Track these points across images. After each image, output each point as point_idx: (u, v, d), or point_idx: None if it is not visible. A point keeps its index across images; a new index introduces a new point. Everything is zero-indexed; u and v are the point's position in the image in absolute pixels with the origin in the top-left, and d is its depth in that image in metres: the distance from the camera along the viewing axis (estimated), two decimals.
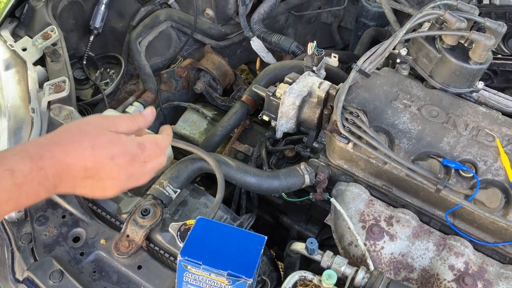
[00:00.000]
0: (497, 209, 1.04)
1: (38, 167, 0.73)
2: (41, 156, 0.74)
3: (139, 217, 1.07)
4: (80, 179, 0.79)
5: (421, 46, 1.19)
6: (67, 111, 1.29)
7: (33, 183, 0.73)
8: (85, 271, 1.07)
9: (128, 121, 0.84)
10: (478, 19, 1.10)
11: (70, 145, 0.77)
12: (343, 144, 1.15)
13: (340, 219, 1.14)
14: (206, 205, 1.22)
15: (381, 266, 1.07)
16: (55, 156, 0.75)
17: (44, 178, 0.74)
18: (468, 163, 1.09)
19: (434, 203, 1.12)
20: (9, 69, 1.40)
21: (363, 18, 1.82)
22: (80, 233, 1.12)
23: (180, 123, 1.72)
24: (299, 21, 2.10)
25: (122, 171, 0.81)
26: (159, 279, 1.05)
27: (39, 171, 0.73)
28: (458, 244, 1.06)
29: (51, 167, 0.75)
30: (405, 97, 1.19)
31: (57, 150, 0.76)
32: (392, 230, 1.10)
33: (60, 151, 0.76)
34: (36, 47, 1.45)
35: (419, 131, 1.13)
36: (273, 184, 1.19)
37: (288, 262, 1.25)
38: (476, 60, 1.12)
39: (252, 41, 1.87)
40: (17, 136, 1.26)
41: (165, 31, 1.86)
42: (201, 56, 1.91)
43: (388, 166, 1.11)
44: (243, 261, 0.89)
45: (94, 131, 0.79)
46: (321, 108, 1.26)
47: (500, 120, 1.15)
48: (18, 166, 0.72)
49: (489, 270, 1.04)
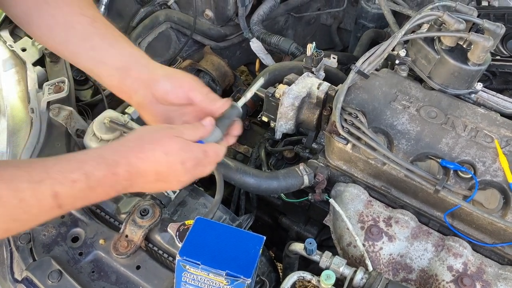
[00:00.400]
0: (496, 210, 1.04)
1: (112, 173, 0.81)
2: (117, 162, 0.82)
3: (138, 217, 1.07)
4: (150, 182, 0.88)
5: (420, 47, 1.19)
6: (67, 112, 1.30)
7: (105, 186, 0.82)
8: (84, 271, 1.07)
9: (191, 131, 0.91)
10: (477, 20, 1.10)
11: (145, 152, 0.85)
12: (342, 145, 1.15)
13: (339, 220, 1.14)
14: (205, 205, 1.22)
15: (379, 267, 1.07)
16: (130, 162, 0.83)
17: (116, 182, 0.83)
18: (467, 164, 1.09)
19: (433, 204, 1.12)
20: (8, 69, 1.40)
21: (363, 20, 1.82)
22: (79, 233, 1.13)
23: None
24: (298, 23, 2.11)
25: (188, 174, 0.90)
26: (157, 279, 1.05)
27: (113, 176, 0.81)
28: (456, 245, 1.06)
29: (125, 172, 0.83)
30: (404, 98, 1.19)
31: (133, 157, 0.84)
32: (391, 231, 1.10)
33: (136, 158, 0.84)
34: (35, 47, 1.45)
35: (418, 132, 1.13)
36: (272, 185, 1.19)
37: (287, 263, 1.25)
38: (474, 61, 1.12)
39: (251, 42, 1.87)
40: (16, 136, 1.27)
41: (164, 32, 1.86)
42: (200, 57, 1.91)
43: (387, 167, 1.12)
44: (242, 261, 0.89)
45: (166, 138, 0.87)
46: (320, 109, 1.26)
47: (499, 121, 1.15)
48: (93, 171, 0.79)
49: (488, 271, 1.04)
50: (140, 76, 0.98)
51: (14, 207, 0.75)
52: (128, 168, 0.83)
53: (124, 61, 0.99)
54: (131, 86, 0.99)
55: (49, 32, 1.00)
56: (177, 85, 0.98)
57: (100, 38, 1.00)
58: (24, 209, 0.76)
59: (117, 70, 0.99)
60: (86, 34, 0.99)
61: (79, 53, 1.00)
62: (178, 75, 1.00)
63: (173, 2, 1.87)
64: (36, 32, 1.03)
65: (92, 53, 0.99)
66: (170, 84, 0.98)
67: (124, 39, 1.02)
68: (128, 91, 1.00)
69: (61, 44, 1.01)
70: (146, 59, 1.01)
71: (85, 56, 1.00)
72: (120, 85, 1.00)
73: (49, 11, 0.99)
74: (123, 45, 1.01)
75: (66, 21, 0.99)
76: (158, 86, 0.97)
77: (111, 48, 1.00)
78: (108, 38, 1.00)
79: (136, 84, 0.98)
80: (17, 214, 0.76)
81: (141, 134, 0.89)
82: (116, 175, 0.82)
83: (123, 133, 1.23)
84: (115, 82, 1.00)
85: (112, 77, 0.99)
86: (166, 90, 0.97)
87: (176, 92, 0.98)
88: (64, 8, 0.99)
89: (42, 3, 0.99)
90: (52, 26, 0.99)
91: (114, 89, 1.01)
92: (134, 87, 0.99)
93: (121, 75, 0.98)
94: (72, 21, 0.99)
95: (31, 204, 0.76)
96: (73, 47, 1.00)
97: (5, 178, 0.75)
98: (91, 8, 1.03)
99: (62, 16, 0.99)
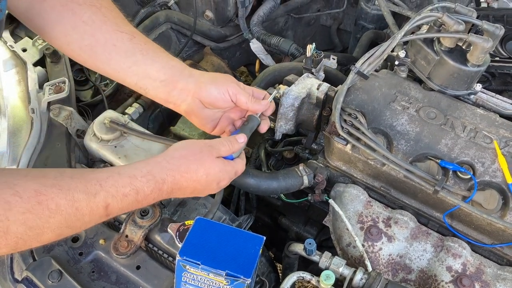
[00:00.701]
0: (495, 210, 1.04)
1: (159, 188, 0.92)
2: (164, 180, 0.92)
3: (138, 217, 1.07)
4: (185, 194, 0.99)
5: (420, 48, 1.20)
6: (67, 112, 1.30)
7: (149, 199, 0.92)
8: (84, 271, 1.07)
9: (227, 148, 1.01)
10: (476, 21, 1.11)
11: (190, 172, 0.95)
12: (342, 145, 1.16)
13: (338, 220, 1.14)
14: (205, 205, 1.22)
15: (379, 267, 1.07)
16: (175, 180, 0.94)
17: (159, 196, 0.93)
18: (466, 165, 1.09)
19: (432, 205, 1.13)
20: (9, 69, 1.41)
21: (362, 21, 1.83)
22: (79, 233, 1.12)
23: (180, 124, 1.72)
24: (298, 24, 2.11)
25: (218, 189, 1.03)
26: (157, 279, 1.05)
27: (158, 191, 0.92)
28: (455, 245, 1.07)
29: (168, 188, 0.93)
30: (403, 99, 1.19)
31: (178, 176, 0.94)
32: (390, 231, 1.10)
33: (181, 177, 0.94)
34: (36, 48, 1.46)
35: (417, 133, 1.14)
36: (271, 185, 1.19)
37: (287, 263, 1.25)
38: (474, 62, 1.12)
39: (251, 43, 1.87)
40: (16, 137, 1.27)
41: (164, 32, 1.87)
42: (200, 58, 1.92)
43: (386, 167, 1.12)
44: (242, 261, 0.89)
45: (208, 160, 0.97)
46: (320, 110, 1.26)
47: (498, 122, 1.15)
48: (143, 187, 0.89)
49: (487, 272, 1.05)
50: (186, 87, 1.06)
51: (70, 215, 0.82)
52: (173, 185, 0.93)
53: (168, 74, 1.06)
54: (178, 97, 1.07)
55: (91, 50, 1.05)
56: (223, 91, 1.07)
57: (142, 54, 1.06)
58: (78, 217, 0.83)
59: (162, 82, 1.06)
60: (127, 51, 1.05)
61: (122, 70, 1.05)
62: (222, 80, 1.09)
63: (173, 2, 1.87)
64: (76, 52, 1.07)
65: (136, 68, 1.05)
66: (216, 90, 1.07)
67: (163, 52, 1.09)
68: (176, 101, 1.08)
69: (103, 63, 1.06)
70: (188, 69, 1.09)
71: (129, 72, 1.05)
72: (166, 96, 1.07)
73: (88, 32, 1.03)
74: (164, 58, 1.08)
75: (106, 39, 1.04)
76: (205, 93, 1.06)
77: (154, 62, 1.06)
78: (149, 52, 1.07)
79: (184, 94, 1.06)
80: (72, 221, 0.83)
81: (185, 153, 0.97)
82: (161, 191, 0.92)
83: (123, 134, 1.23)
84: (162, 94, 1.07)
85: (158, 90, 1.06)
86: (213, 96, 1.07)
87: (222, 97, 1.07)
88: (103, 27, 1.04)
89: (80, 24, 1.03)
90: (93, 45, 1.04)
91: (161, 100, 1.09)
92: (182, 97, 1.07)
93: (167, 86, 1.06)
94: (112, 38, 1.04)
95: (85, 213, 0.83)
96: (115, 64, 1.05)
97: (63, 188, 0.81)
98: (127, 24, 1.08)
99: (102, 34, 1.04)
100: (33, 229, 0.78)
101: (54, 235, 0.82)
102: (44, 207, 0.78)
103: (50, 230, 0.80)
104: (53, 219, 0.79)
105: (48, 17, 1.02)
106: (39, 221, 0.78)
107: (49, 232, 0.80)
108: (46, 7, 1.02)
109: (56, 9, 1.03)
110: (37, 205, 0.78)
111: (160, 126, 1.75)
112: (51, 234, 0.81)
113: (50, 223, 0.79)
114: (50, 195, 0.79)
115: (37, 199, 0.78)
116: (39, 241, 0.81)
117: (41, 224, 0.78)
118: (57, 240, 0.85)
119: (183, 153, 0.97)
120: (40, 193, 0.78)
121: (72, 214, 0.81)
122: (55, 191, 0.80)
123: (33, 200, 0.77)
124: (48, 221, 0.79)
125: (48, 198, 0.79)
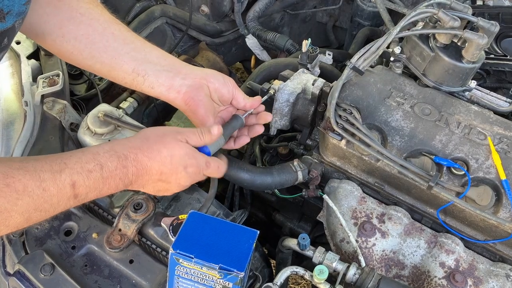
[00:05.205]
0: (488, 206, 1.05)
1: (123, 165, 0.89)
2: (126, 156, 0.90)
3: (132, 211, 1.07)
4: (153, 181, 0.95)
5: (415, 45, 1.20)
6: (61, 105, 1.29)
7: (116, 178, 0.89)
8: (77, 264, 1.07)
9: (197, 136, 0.98)
10: (471, 18, 1.11)
11: (152, 151, 0.92)
12: (336, 141, 1.15)
13: (332, 216, 1.14)
14: (199, 200, 1.21)
15: (372, 262, 1.07)
16: (138, 158, 0.91)
17: (125, 175, 0.90)
18: (460, 161, 1.09)
19: (426, 201, 1.13)
20: (2, 62, 1.39)
21: (358, 18, 1.83)
22: (72, 226, 1.12)
23: (174, 120, 1.72)
24: (294, 20, 2.11)
25: (188, 179, 0.98)
26: (150, 273, 1.05)
27: (123, 169, 0.89)
28: (449, 241, 1.07)
29: (132, 167, 0.90)
30: (398, 95, 1.20)
31: (140, 154, 0.91)
32: (384, 227, 1.10)
33: (143, 155, 0.91)
34: (30, 40, 1.44)
35: (411, 129, 1.14)
36: (266, 181, 1.19)
37: (280, 258, 1.25)
38: (469, 59, 1.13)
39: (247, 38, 1.87)
40: (9, 129, 1.26)
41: (160, 27, 1.86)
42: (195, 53, 1.91)
43: (380, 163, 1.12)
44: (235, 255, 0.89)
45: (172, 142, 0.94)
46: (315, 105, 1.26)
47: (492, 119, 1.16)
48: (107, 162, 0.87)
49: (479, 268, 1.05)
50: (192, 72, 1.07)
51: (38, 196, 0.80)
52: (136, 163, 0.90)
53: (169, 62, 1.07)
54: (183, 82, 1.06)
55: (87, 39, 1.03)
56: (227, 80, 1.10)
57: (141, 42, 1.07)
58: (45, 199, 0.81)
59: (164, 67, 1.05)
60: (126, 38, 1.05)
61: (120, 56, 1.04)
62: (222, 74, 1.12)
63: None
64: (71, 43, 1.04)
65: (135, 54, 1.05)
66: (222, 78, 1.09)
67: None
68: (180, 87, 1.06)
69: (100, 51, 1.04)
70: (186, 63, 1.10)
71: (127, 57, 1.04)
72: (170, 82, 1.05)
73: (85, 22, 1.03)
74: (162, 51, 1.09)
75: (104, 28, 1.04)
76: (213, 79, 1.08)
77: (153, 50, 1.07)
78: (147, 43, 1.08)
79: (189, 79, 1.06)
80: (40, 203, 0.81)
81: (148, 135, 0.95)
82: (126, 168, 0.89)
83: (117, 127, 1.23)
84: (164, 79, 1.05)
85: (160, 74, 1.05)
86: (221, 82, 1.09)
87: (227, 86, 1.09)
88: (100, 18, 1.04)
89: (77, 15, 1.02)
90: (90, 34, 1.03)
91: (162, 87, 1.06)
92: (187, 82, 1.06)
93: (170, 72, 1.06)
94: (110, 27, 1.04)
95: (52, 193, 0.82)
96: (113, 51, 1.04)
97: (29, 169, 0.80)
98: (122, 22, 1.09)
99: (99, 24, 1.04)
100: (0, 213, 0.77)
101: (23, 219, 0.80)
102: (12, 190, 0.77)
103: (18, 213, 0.79)
104: (21, 201, 0.78)
105: (43, 11, 1.01)
106: (7, 204, 0.77)
107: (17, 215, 0.79)
108: (41, 2, 1.00)
109: (52, 3, 1.01)
110: (5, 187, 0.76)
111: (154, 122, 1.74)
112: (19, 218, 0.80)
113: (18, 206, 0.78)
114: (17, 177, 0.78)
115: (4, 181, 0.77)
116: (7, 225, 0.79)
117: (9, 207, 0.77)
118: (26, 226, 0.83)
119: (146, 135, 0.96)
120: (7, 176, 0.77)
121: (40, 195, 0.80)
122: (21, 173, 0.79)
123: (1, 182, 0.76)
124: (16, 204, 0.77)
125: (16, 180, 0.78)
